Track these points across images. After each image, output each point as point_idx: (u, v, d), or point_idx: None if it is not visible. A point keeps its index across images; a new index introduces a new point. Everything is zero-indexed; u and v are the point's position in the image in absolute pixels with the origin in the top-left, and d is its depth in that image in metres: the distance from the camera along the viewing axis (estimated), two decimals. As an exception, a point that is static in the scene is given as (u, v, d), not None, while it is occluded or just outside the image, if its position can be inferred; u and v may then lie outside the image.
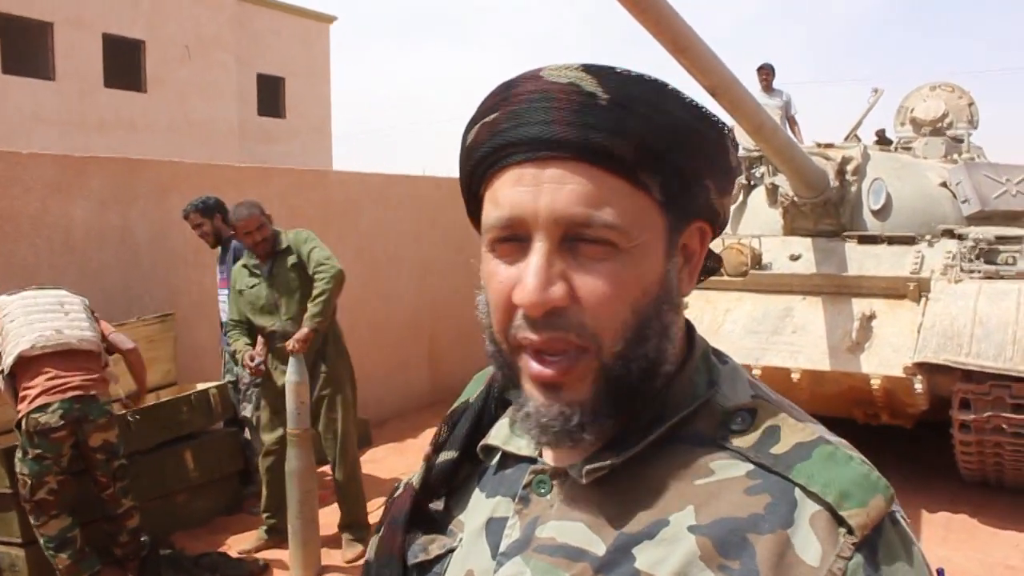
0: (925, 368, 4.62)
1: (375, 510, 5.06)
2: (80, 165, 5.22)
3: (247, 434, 5.22)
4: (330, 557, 4.45)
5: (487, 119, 0.72)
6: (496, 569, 0.75)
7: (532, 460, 0.79)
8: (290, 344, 4.20)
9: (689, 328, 0.80)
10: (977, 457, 4.85)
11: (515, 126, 0.69)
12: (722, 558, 0.65)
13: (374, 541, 0.86)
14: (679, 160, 0.70)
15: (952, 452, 4.94)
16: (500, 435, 0.83)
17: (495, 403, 0.86)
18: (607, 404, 0.70)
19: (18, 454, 3.82)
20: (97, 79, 17.90)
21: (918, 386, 4.63)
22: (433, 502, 0.85)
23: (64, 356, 3.87)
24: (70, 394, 3.79)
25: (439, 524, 0.83)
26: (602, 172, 0.68)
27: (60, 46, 17.22)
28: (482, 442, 0.84)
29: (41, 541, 3.84)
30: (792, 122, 9.19)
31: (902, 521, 0.68)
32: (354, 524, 4.61)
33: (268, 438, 4.59)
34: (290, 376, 4.15)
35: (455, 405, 0.91)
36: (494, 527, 0.78)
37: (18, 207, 4.84)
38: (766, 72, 9.10)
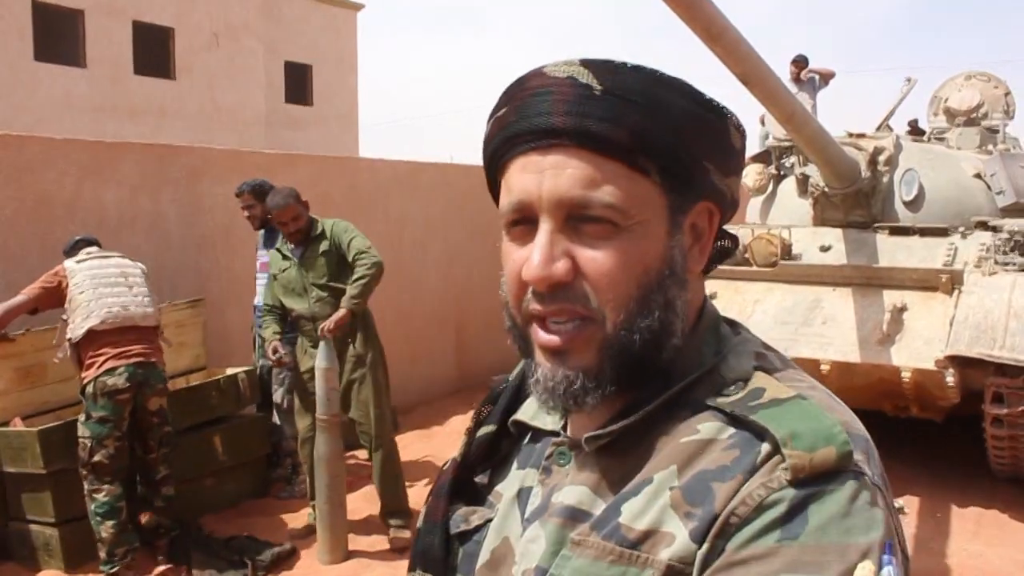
0: (957, 361, 4.56)
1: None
2: (113, 150, 5.28)
3: (276, 418, 5.26)
4: (356, 542, 4.48)
5: (498, 114, 0.80)
6: (521, 534, 0.82)
7: (556, 434, 0.86)
8: (327, 324, 4.23)
9: (707, 301, 0.85)
10: (1010, 452, 4.79)
11: (521, 118, 0.76)
12: (688, 505, 0.70)
13: (423, 511, 0.93)
14: (675, 143, 0.75)
15: (983, 447, 4.88)
16: (528, 411, 0.91)
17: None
18: (611, 371, 0.76)
19: (80, 418, 4.01)
20: (127, 66, 18.05)
21: (950, 379, 4.58)
22: (478, 475, 0.92)
23: (127, 330, 4.11)
24: (134, 360, 4.05)
25: (481, 496, 0.90)
26: (600, 157, 0.73)
27: (91, 33, 17.37)
28: (512, 418, 0.91)
29: (91, 508, 3.96)
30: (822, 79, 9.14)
31: (874, 488, 0.68)
32: (398, 511, 4.54)
33: (302, 424, 4.61)
34: (319, 362, 4.18)
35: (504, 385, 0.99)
36: (523, 496, 0.85)
37: (52, 191, 4.90)
38: (799, 62, 9.04)
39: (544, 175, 0.74)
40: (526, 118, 0.75)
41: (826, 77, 9.22)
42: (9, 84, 15.84)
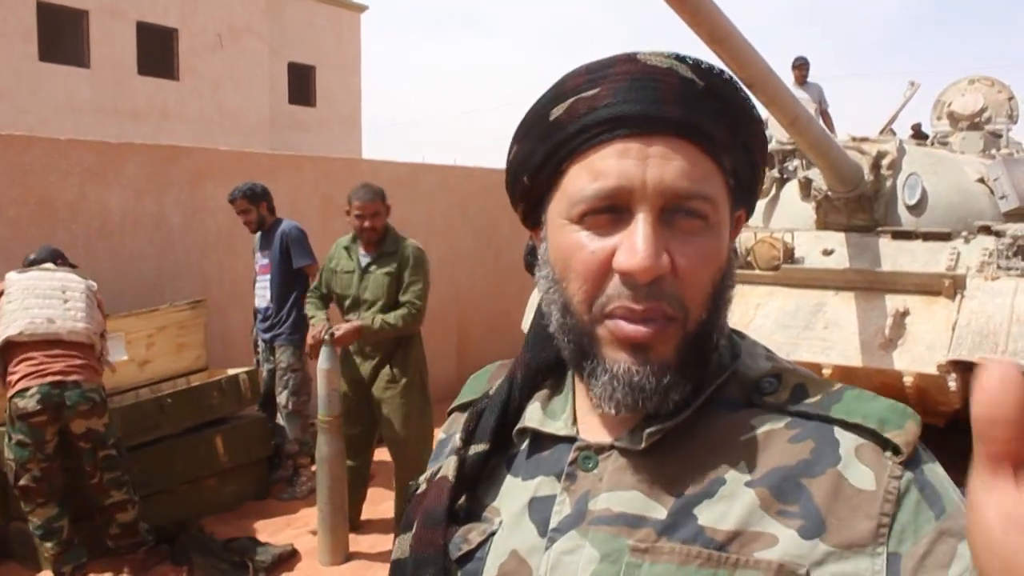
0: (959, 366, 4.55)
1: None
2: (116, 152, 5.28)
3: (280, 419, 5.26)
4: (357, 544, 4.48)
5: (585, 94, 0.74)
6: (548, 546, 0.76)
7: (570, 440, 0.80)
8: (336, 329, 4.18)
9: None
10: (1011, 457, 4.77)
11: (621, 101, 0.72)
12: (780, 504, 0.70)
13: (404, 539, 0.84)
14: (749, 146, 0.77)
15: (985, 452, 4.86)
16: (535, 418, 0.84)
17: (519, 393, 0.86)
18: (688, 368, 0.74)
19: (6, 439, 3.85)
20: (131, 67, 18.09)
21: (952, 384, 4.57)
22: (460, 499, 0.84)
23: (51, 344, 3.88)
24: (49, 379, 3.78)
25: (472, 513, 0.84)
26: (699, 152, 0.73)
27: (95, 34, 17.41)
28: (518, 425, 0.84)
29: (30, 528, 3.88)
30: (825, 115, 9.11)
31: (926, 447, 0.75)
32: None
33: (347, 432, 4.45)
34: (321, 363, 4.17)
35: (459, 402, 0.95)
36: (539, 506, 0.79)
37: (55, 193, 4.90)
38: (801, 66, 9.02)
39: (648, 163, 0.71)
40: (632, 102, 0.72)
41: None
42: (13, 85, 15.87)
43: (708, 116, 0.73)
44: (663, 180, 0.71)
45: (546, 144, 0.77)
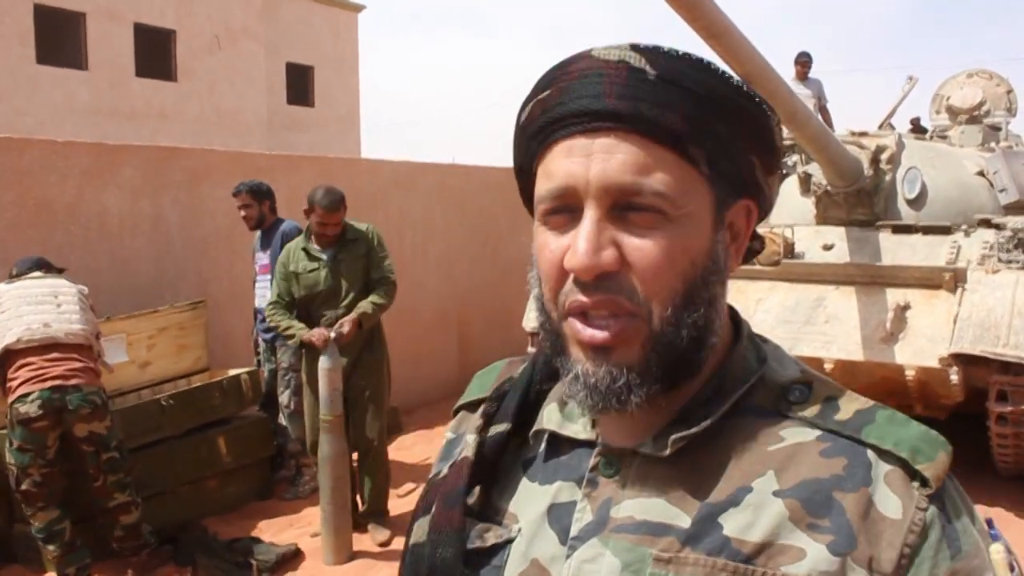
0: (961, 359, 4.55)
1: (404, 495, 5.09)
2: (114, 153, 5.28)
3: (282, 419, 5.26)
4: (360, 543, 4.48)
5: (540, 96, 0.75)
6: (569, 554, 0.74)
7: (589, 444, 0.79)
8: (342, 330, 4.22)
9: (732, 309, 0.82)
10: (1014, 450, 4.77)
11: (568, 100, 0.72)
12: (811, 517, 0.69)
13: (423, 522, 0.82)
14: (724, 133, 0.73)
15: (988, 445, 4.87)
16: (553, 420, 0.82)
17: (540, 376, 0.86)
18: (656, 369, 0.72)
19: (7, 444, 3.84)
20: (129, 69, 18.08)
21: (953, 377, 4.57)
22: (478, 483, 0.82)
23: (49, 348, 3.87)
24: (49, 383, 3.77)
25: (484, 516, 0.81)
26: (650, 142, 0.70)
27: (92, 36, 17.40)
28: (534, 428, 0.83)
29: (32, 531, 3.89)
30: (824, 111, 9.12)
31: (955, 479, 0.74)
32: (380, 511, 4.67)
33: (311, 426, 4.54)
34: (323, 363, 4.17)
35: (466, 399, 0.94)
36: (559, 513, 0.77)
37: (53, 194, 4.90)
38: (803, 61, 9.03)
39: (592, 159, 0.70)
40: (574, 99, 0.71)
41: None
42: (10, 87, 15.86)
43: (660, 105, 0.70)
44: (606, 176, 0.69)
45: (519, 149, 0.79)
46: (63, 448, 3.91)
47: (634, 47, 0.72)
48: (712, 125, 0.72)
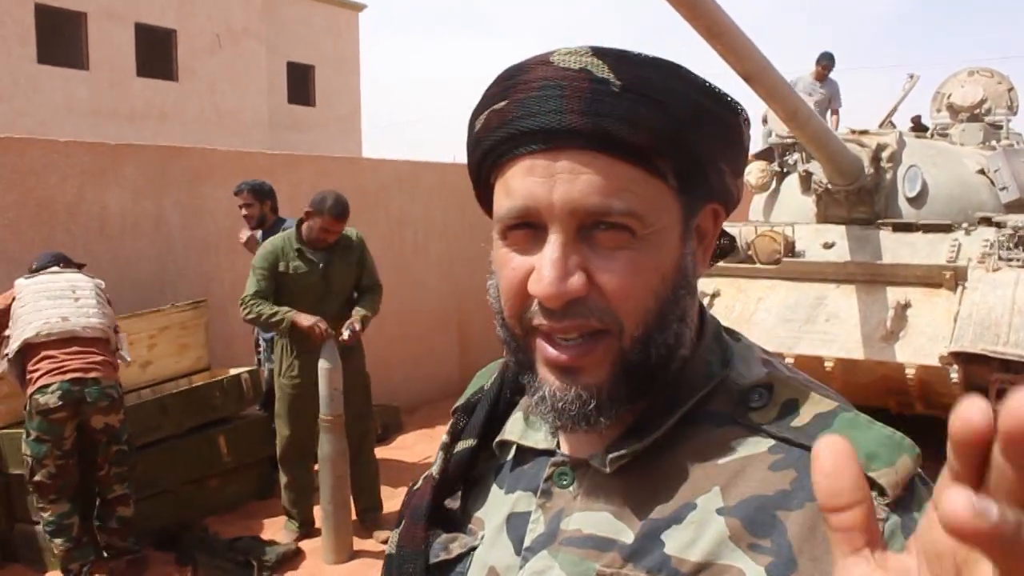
0: (961, 357, 4.55)
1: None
2: (115, 153, 5.28)
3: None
4: (360, 543, 4.48)
5: (496, 107, 0.70)
6: (521, 565, 0.74)
7: (549, 453, 0.78)
8: (346, 334, 4.29)
9: (700, 308, 0.79)
10: (1014, 448, 4.77)
11: (526, 115, 0.67)
12: (752, 537, 0.65)
13: (395, 534, 0.84)
14: (695, 145, 0.69)
15: (988, 443, 4.86)
16: (515, 430, 0.82)
17: (509, 389, 0.85)
18: (625, 388, 0.70)
19: (24, 435, 3.91)
20: (129, 68, 18.08)
21: (954, 376, 4.57)
22: (449, 498, 0.83)
23: (68, 342, 3.94)
24: (69, 376, 3.85)
25: (457, 523, 0.82)
26: (616, 161, 0.66)
27: (93, 36, 17.40)
28: (497, 438, 0.82)
29: (40, 523, 3.93)
30: (834, 112, 9.20)
31: (929, 483, 0.66)
32: (374, 507, 4.70)
33: (289, 430, 4.53)
34: (323, 363, 4.17)
35: (462, 401, 0.90)
36: (516, 522, 0.77)
37: (54, 194, 4.90)
38: (825, 63, 9.06)
39: (556, 180, 0.66)
40: (533, 115, 0.67)
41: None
42: (11, 87, 15.87)
43: (626, 120, 0.66)
44: (571, 198, 0.66)
45: (474, 157, 0.75)
46: (78, 441, 3.97)
47: (597, 52, 0.68)
48: (681, 137, 0.68)
